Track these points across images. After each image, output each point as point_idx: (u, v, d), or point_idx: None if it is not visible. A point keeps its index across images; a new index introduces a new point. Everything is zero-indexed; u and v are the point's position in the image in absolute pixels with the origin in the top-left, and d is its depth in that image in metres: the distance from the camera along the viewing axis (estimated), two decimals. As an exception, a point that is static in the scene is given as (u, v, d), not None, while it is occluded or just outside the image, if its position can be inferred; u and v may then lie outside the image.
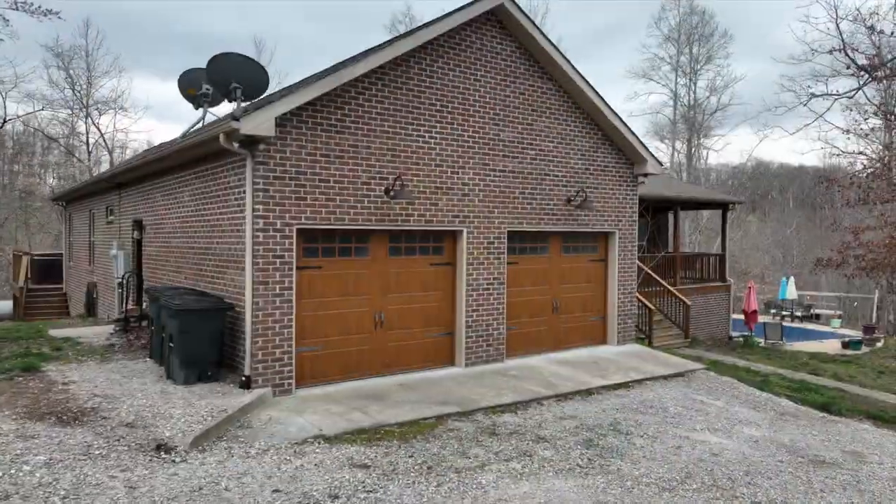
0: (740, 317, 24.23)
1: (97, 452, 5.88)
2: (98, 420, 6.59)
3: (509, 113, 10.47)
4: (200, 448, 6.20)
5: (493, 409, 8.23)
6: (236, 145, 7.69)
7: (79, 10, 47.38)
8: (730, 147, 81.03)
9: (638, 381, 10.10)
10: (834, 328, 28.43)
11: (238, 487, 5.44)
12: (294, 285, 8.29)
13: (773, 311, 32.29)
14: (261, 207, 7.96)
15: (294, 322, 8.31)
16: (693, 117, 42.99)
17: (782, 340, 22.89)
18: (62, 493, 5.06)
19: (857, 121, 18.67)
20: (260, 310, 8.00)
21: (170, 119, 64.39)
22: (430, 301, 9.92)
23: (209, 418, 6.81)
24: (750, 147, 79.21)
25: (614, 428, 7.88)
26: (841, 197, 18.68)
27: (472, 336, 10.12)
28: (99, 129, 35.07)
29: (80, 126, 35.44)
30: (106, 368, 8.79)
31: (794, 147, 67.07)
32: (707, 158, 45.21)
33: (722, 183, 54.90)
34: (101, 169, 33.67)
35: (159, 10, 59.70)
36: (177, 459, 5.84)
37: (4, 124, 29.30)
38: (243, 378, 8.00)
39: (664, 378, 10.49)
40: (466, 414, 8.00)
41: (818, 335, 26.36)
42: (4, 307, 21.81)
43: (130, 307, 11.61)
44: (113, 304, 13.66)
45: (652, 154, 12.17)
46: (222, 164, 8.73)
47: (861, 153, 18.48)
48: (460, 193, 9.89)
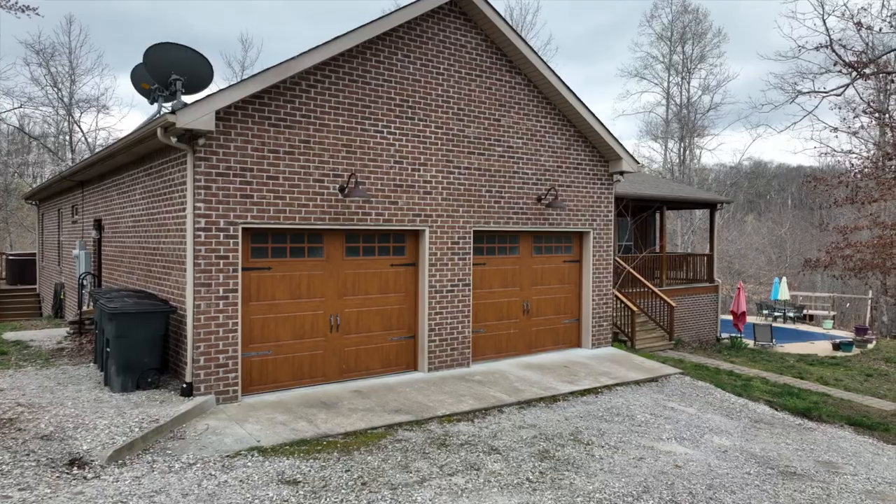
0: (731, 318, 23.89)
1: None
2: (11, 432, 6.18)
3: (475, 108, 10.08)
4: (120, 462, 5.80)
5: (450, 418, 7.83)
6: (174, 140, 7.29)
7: (78, 8, 46.98)
8: (724, 147, 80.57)
9: (607, 387, 9.70)
10: (826, 329, 28.05)
11: (149, 507, 5.04)
12: (240, 287, 7.88)
13: (766, 312, 31.92)
14: (202, 206, 7.56)
15: (240, 326, 7.91)
16: (686, 116, 42.61)
17: (772, 342, 22.50)
18: (-48, 515, 4.67)
19: (847, 119, 18.23)
20: (202, 313, 7.59)
21: (159, 118, 63.76)
22: (391, 303, 9.52)
23: (137, 429, 6.40)
24: (743, 147, 78.80)
25: (575, 438, 7.48)
26: (829, 196, 18.25)
27: (436, 340, 9.72)
28: (80, 128, 34.63)
29: (64, 125, 35.01)
30: (43, 374, 8.38)
31: (788, 146, 66.61)
32: (700, 158, 44.79)
33: (720, 183, 54.60)
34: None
35: (155, 8, 59.32)
36: (89, 476, 5.43)
37: None
38: (185, 385, 7.59)
39: (636, 383, 10.09)
40: (419, 423, 7.60)
41: (809, 336, 25.97)
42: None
43: (86, 309, 11.20)
44: (76, 306, 13.25)
45: (627, 151, 11.78)
46: (167, 161, 8.33)
47: (850, 152, 18.08)
48: (422, 191, 9.48)
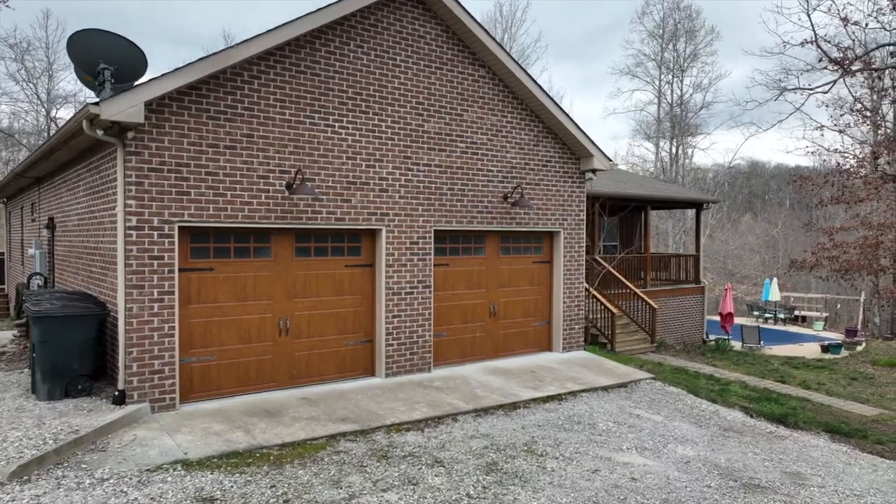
0: (720, 319, 23.51)
1: None
2: None
3: (435, 102, 9.67)
4: (23, 479, 5.37)
5: (399, 427, 7.41)
6: (100, 133, 6.87)
7: (56, 5, 46.47)
8: (717, 146, 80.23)
9: (573, 393, 9.29)
10: (817, 331, 27.68)
11: (43, 528, 4.62)
12: (177, 289, 7.46)
13: (756, 314, 31.56)
14: (134, 203, 7.14)
15: (178, 330, 7.48)
16: (679, 115, 42.26)
17: (760, 344, 22.13)
18: None
19: (834, 117, 17.87)
20: (134, 316, 7.17)
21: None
22: (346, 306, 9.10)
23: (51, 441, 5.98)
24: (735, 146, 78.45)
25: (528, 448, 7.07)
26: (815, 196, 17.90)
27: (394, 344, 9.31)
28: (56, 125, 34.10)
29: (42, 120, 34.49)
30: (-30, 382, 7.96)
31: (780, 145, 66.19)
32: (692, 157, 44.45)
33: (718, 184, 54.21)
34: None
35: (145, 6, 58.87)
36: (-17, 494, 5.02)
37: None
38: (117, 393, 7.17)
39: (604, 389, 9.68)
40: (365, 432, 7.18)
41: (799, 338, 25.59)
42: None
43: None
44: (33, 309, 12.80)
45: (599, 148, 11.38)
46: (104, 156, 7.91)
47: (837, 150, 17.74)
48: (377, 189, 9.07)
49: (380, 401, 8.21)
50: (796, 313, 31.85)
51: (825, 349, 21.69)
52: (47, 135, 34.67)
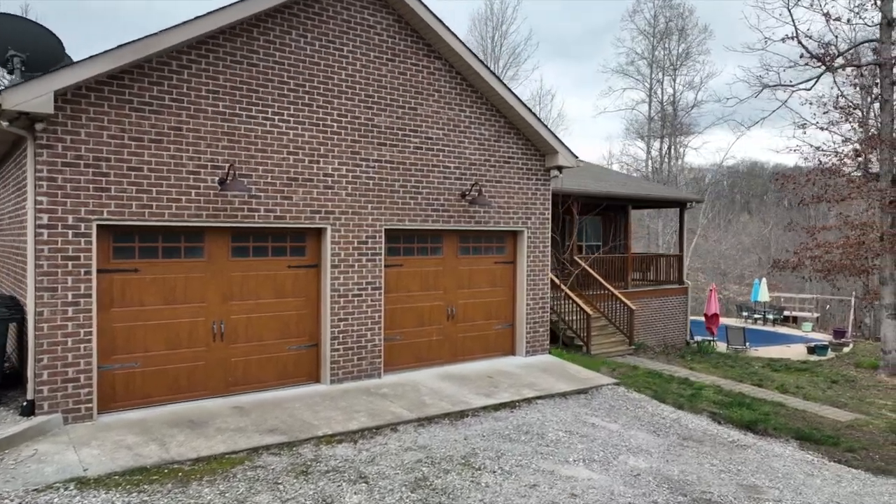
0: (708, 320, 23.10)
1: None
2: None
3: (386, 95, 9.22)
4: None
5: (330, 439, 6.97)
6: (5, 124, 6.42)
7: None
8: (708, 146, 79.70)
9: (527, 400, 8.85)
10: (805, 332, 27.30)
11: None
12: (95, 291, 7.01)
13: (745, 314, 31.17)
14: (45, 200, 6.69)
15: (96, 335, 7.03)
16: (670, 114, 41.83)
17: (745, 345, 21.73)
18: None
19: (816, 115, 17.43)
20: (45, 321, 6.71)
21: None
22: (289, 309, 8.66)
23: (-62, 457, 5.54)
24: (727, 145, 77.94)
25: (466, 461, 6.63)
26: (795, 195, 17.47)
27: (340, 349, 8.86)
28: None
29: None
30: None
31: (773, 145, 65.74)
32: (684, 156, 44.03)
33: (717, 183, 53.67)
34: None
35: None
36: None
37: None
38: (25, 403, 6.72)
39: (562, 395, 9.25)
40: (292, 445, 6.73)
41: (787, 339, 25.21)
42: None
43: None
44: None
45: (564, 145, 10.94)
46: (23, 150, 7.45)
47: (819, 148, 17.29)
48: (322, 186, 8.63)
49: (317, 410, 7.77)
50: (787, 314, 31.46)
51: (811, 351, 21.30)
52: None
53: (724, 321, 29.82)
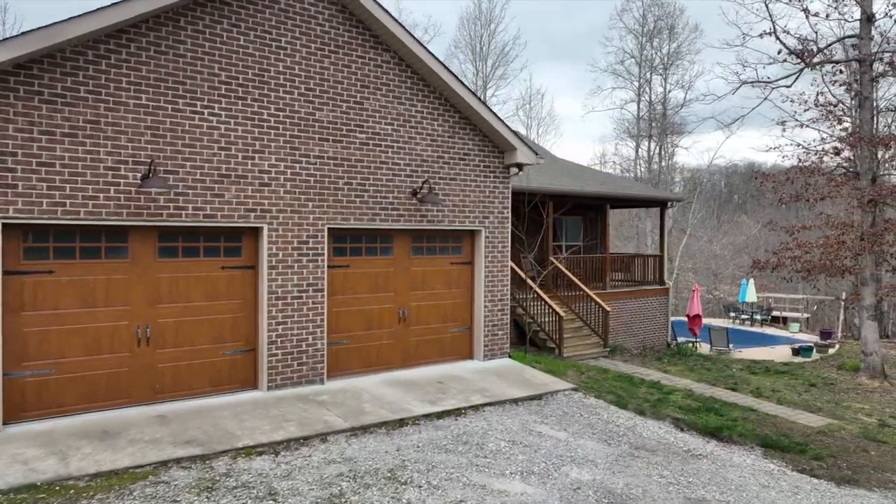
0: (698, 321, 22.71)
1: None
2: None
3: (329, 88, 8.82)
4: None
5: (251, 451, 6.56)
6: None
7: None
8: (698, 145, 79.19)
9: (475, 407, 8.44)
10: (793, 333, 26.93)
11: None
12: (1, 295, 6.59)
13: (733, 315, 30.79)
14: (-58, 197, 6.28)
15: (1, 340, 6.61)
16: (661, 113, 41.45)
17: (728, 347, 21.34)
18: None
19: (798, 112, 17.03)
20: (-56, 327, 6.31)
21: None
22: (223, 312, 8.24)
23: None
24: (716, 144, 77.53)
25: (392, 475, 6.21)
26: (774, 194, 17.07)
27: (278, 354, 8.45)
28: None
29: None
30: None
31: (761, 144, 65.31)
32: (673, 156, 43.64)
33: (714, 184, 53.16)
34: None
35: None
36: None
37: None
38: (-77, 413, 6.32)
39: (514, 402, 8.84)
40: (206, 458, 6.32)
41: (773, 341, 24.84)
42: None
43: None
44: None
45: (523, 141, 10.54)
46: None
47: (799, 146, 16.90)
48: (257, 183, 8.22)
49: (245, 419, 7.35)
50: (777, 314, 31.08)
51: (795, 352, 20.93)
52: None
53: (712, 322, 29.50)
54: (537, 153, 10.74)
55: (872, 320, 15.91)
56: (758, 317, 29.56)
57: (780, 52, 15.97)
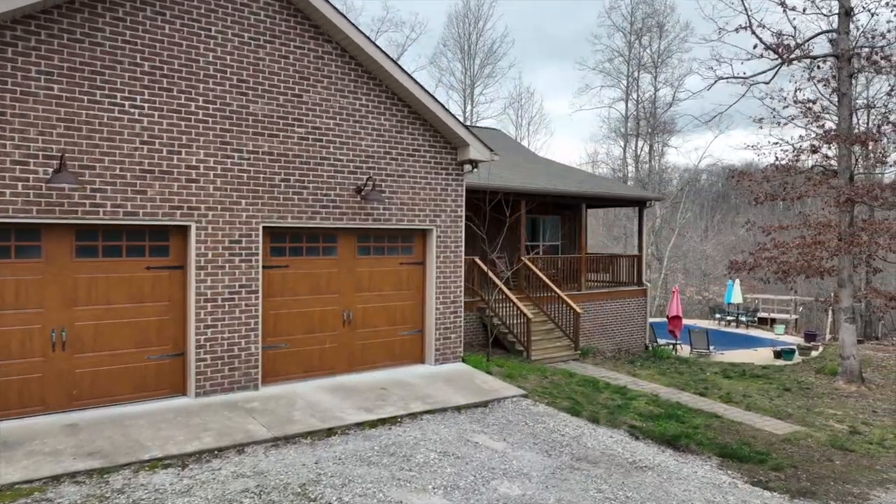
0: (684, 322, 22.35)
1: None
2: None
3: (264, 80, 8.42)
4: None
5: (157, 463, 6.16)
6: None
7: None
8: (688, 144, 78.73)
9: (414, 415, 8.06)
10: (778, 335, 26.58)
11: None
12: None
13: (718, 316, 30.43)
14: None
15: None
16: (650, 112, 41.06)
17: (709, 349, 20.99)
18: None
19: (777, 109, 16.65)
20: None
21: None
22: (148, 314, 7.84)
23: None
24: (714, 145, 77.10)
25: (303, 491, 5.83)
26: (751, 193, 16.69)
27: (207, 359, 8.05)
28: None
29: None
30: None
31: (748, 142, 64.79)
32: (662, 156, 43.26)
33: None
34: None
35: None
36: None
37: None
38: None
39: (456, 409, 8.45)
40: (106, 471, 5.92)
41: (757, 343, 24.47)
42: None
43: None
44: None
45: (476, 136, 10.15)
46: None
47: (776, 143, 16.49)
48: (184, 179, 7.82)
49: (162, 428, 6.96)
50: (766, 315, 30.71)
51: (777, 355, 20.58)
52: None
53: (698, 323, 29.15)
54: (492, 150, 10.35)
55: (850, 323, 15.54)
56: (743, 318, 29.22)
57: (756, 47, 15.60)
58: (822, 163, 15.98)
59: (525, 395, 9.29)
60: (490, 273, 14.75)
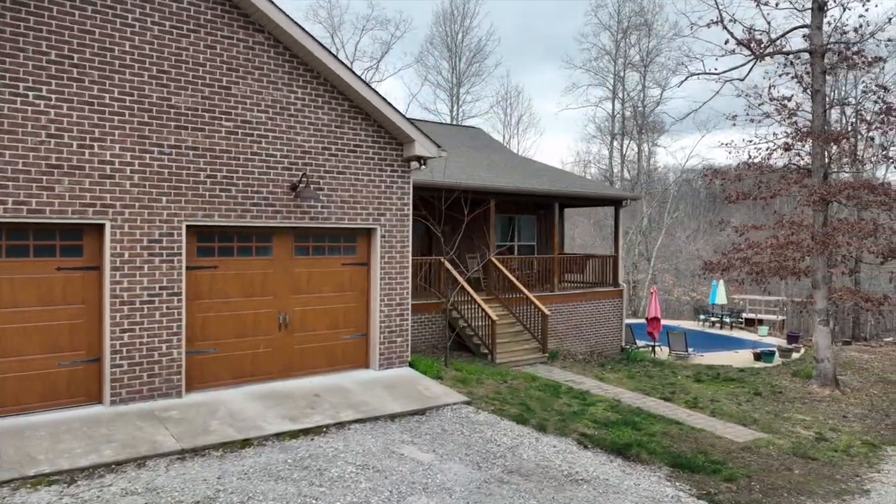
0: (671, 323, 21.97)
1: None
2: None
3: (188, 71, 7.99)
4: None
5: (43, 479, 5.73)
6: None
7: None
8: (677, 144, 78.22)
9: (342, 425, 7.63)
10: (761, 336, 26.21)
11: None
12: None
13: (703, 318, 30.06)
14: None
15: None
16: (640, 112, 40.67)
17: (687, 351, 20.57)
18: None
19: (752, 106, 16.26)
20: None
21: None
22: (60, 318, 7.41)
23: None
24: (701, 145, 76.73)
25: (191, 510, 5.41)
26: (723, 193, 16.29)
27: (124, 365, 7.62)
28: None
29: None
30: None
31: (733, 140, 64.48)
32: (650, 155, 42.87)
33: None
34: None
35: None
36: None
37: None
38: None
39: (390, 418, 8.03)
40: (-18, 488, 5.51)
41: (739, 344, 24.06)
42: None
43: None
44: None
45: (422, 132, 9.73)
46: None
47: (750, 142, 16.12)
48: (97, 175, 7.38)
49: (64, 439, 6.53)
50: (752, 316, 30.33)
51: (757, 357, 20.18)
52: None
53: (683, 324, 28.78)
54: (439, 146, 9.93)
55: (824, 325, 15.15)
56: (727, 319, 28.85)
57: (728, 42, 15.20)
58: (795, 161, 15.60)
59: (468, 402, 8.87)
60: (455, 273, 14.35)
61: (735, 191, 15.59)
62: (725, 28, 15.05)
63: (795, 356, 21.00)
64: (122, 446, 6.44)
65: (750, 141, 16.26)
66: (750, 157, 15.60)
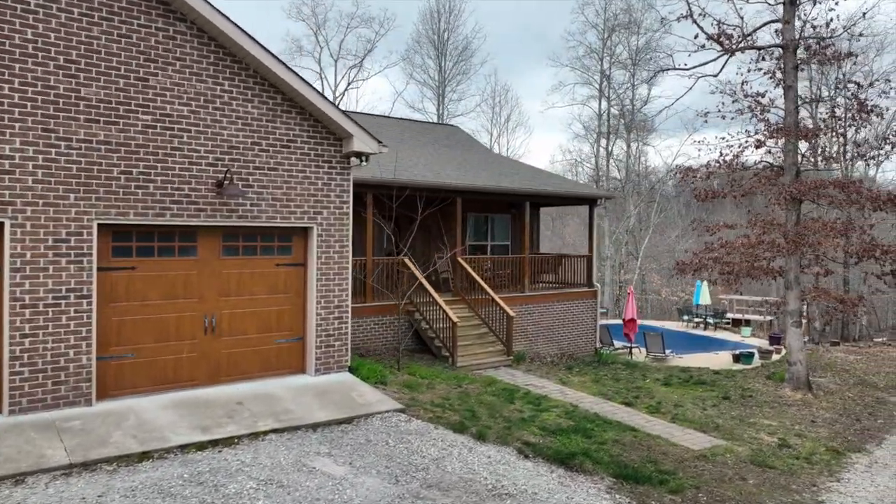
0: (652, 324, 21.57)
1: None
2: None
3: (100, 62, 7.55)
4: None
5: None
6: None
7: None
8: (663, 143, 77.68)
9: (256, 435, 7.19)
10: (744, 337, 25.80)
11: None
12: None
13: (686, 318, 29.67)
14: None
15: None
16: (629, 110, 40.24)
17: (665, 353, 20.16)
18: None
19: (725, 103, 15.85)
20: None
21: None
22: (-45, 323, 6.99)
23: None
24: (691, 144, 76.15)
25: (60, 532, 4.98)
26: (693, 191, 15.88)
27: (25, 372, 7.18)
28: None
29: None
30: None
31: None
32: (639, 155, 42.43)
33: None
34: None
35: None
36: None
37: None
38: None
39: (313, 427, 7.59)
40: None
41: (720, 345, 23.68)
42: None
43: None
44: None
45: (361, 127, 9.30)
46: None
47: (723, 139, 15.71)
48: (-6, 170, 6.96)
49: (-57, 453, 6.10)
50: (739, 317, 29.92)
51: (736, 359, 19.79)
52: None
53: (666, 325, 28.38)
54: (380, 141, 9.50)
55: (797, 326, 14.74)
56: (711, 320, 28.45)
57: (698, 37, 14.79)
58: (766, 159, 15.20)
59: (402, 410, 8.44)
60: (418, 273, 13.93)
61: (704, 189, 15.19)
62: (695, 22, 14.64)
63: (775, 358, 20.60)
64: (4, 460, 6.00)
65: (723, 138, 15.84)
66: (721, 155, 15.19)
